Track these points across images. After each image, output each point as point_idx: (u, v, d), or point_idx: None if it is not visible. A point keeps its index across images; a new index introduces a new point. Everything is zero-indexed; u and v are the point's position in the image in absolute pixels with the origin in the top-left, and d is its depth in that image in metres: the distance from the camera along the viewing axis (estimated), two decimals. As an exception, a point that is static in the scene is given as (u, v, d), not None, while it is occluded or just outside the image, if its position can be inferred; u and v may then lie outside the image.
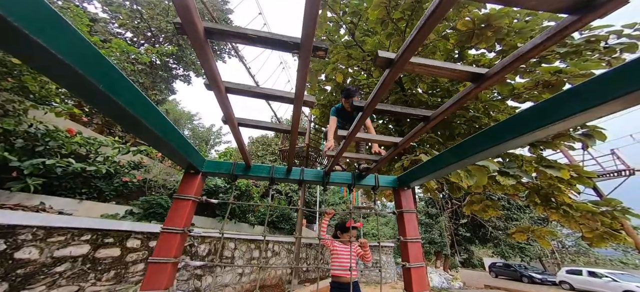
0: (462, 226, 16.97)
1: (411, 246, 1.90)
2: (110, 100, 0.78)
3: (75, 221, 2.76)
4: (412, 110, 1.24)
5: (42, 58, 0.58)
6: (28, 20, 0.50)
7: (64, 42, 0.59)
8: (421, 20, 0.64)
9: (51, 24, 0.55)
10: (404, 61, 0.78)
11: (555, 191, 4.64)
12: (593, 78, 0.71)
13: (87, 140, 3.72)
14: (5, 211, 2.24)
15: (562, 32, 0.68)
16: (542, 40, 0.70)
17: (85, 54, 0.69)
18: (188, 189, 1.91)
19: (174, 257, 1.63)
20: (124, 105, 0.87)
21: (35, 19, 0.52)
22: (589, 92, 0.75)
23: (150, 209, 4.73)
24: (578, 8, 0.62)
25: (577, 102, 0.77)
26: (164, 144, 1.26)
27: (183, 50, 14.69)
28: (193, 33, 0.70)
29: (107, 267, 3.05)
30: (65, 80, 0.72)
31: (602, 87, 0.70)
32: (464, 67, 0.88)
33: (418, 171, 1.96)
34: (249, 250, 6.72)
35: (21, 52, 0.59)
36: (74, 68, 0.66)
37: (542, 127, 0.88)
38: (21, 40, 0.52)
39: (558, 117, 0.82)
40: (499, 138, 1.10)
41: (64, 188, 3.71)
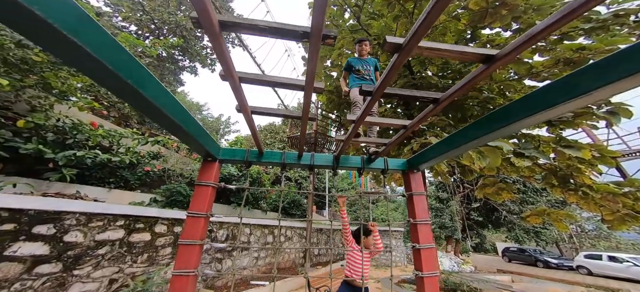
0: (474, 210, 16.76)
1: (421, 227, 1.95)
2: (138, 93, 0.85)
3: (110, 207, 3.02)
4: (422, 93, 1.24)
5: (78, 56, 0.64)
6: (64, 22, 0.55)
7: (95, 41, 0.64)
8: (430, 3, 0.64)
9: (84, 25, 0.60)
10: (412, 45, 0.78)
11: (575, 171, 4.46)
12: (611, 55, 0.69)
13: (109, 133, 3.96)
14: (50, 199, 2.49)
15: (585, 5, 0.65)
16: (560, 16, 0.68)
17: (116, 52, 0.75)
18: (207, 176, 2.03)
19: (200, 239, 1.79)
20: (148, 97, 0.94)
21: (70, 20, 0.56)
22: (607, 67, 0.72)
23: (171, 197, 5.03)
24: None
25: (592, 79, 0.74)
26: (183, 133, 1.34)
27: (188, 42, 14.77)
28: (209, 26, 0.74)
29: (140, 251, 3.33)
30: (97, 75, 0.78)
31: (621, 62, 0.68)
32: (474, 50, 0.88)
33: (428, 153, 1.97)
34: (263, 235, 7.04)
35: (61, 52, 0.64)
36: (107, 65, 0.72)
37: (557, 105, 0.86)
38: (61, 40, 0.56)
39: (570, 95, 0.81)
40: (512, 117, 1.08)
41: (95, 178, 4.01)
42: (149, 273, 3.46)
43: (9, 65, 2.71)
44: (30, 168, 3.22)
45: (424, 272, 1.79)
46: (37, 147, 2.96)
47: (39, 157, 3.07)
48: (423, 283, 1.75)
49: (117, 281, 2.98)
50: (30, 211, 2.27)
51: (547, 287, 7.98)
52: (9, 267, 2.15)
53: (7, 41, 2.44)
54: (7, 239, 2.14)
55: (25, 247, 2.26)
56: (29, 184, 3.08)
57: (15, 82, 2.72)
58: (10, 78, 2.69)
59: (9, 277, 2.14)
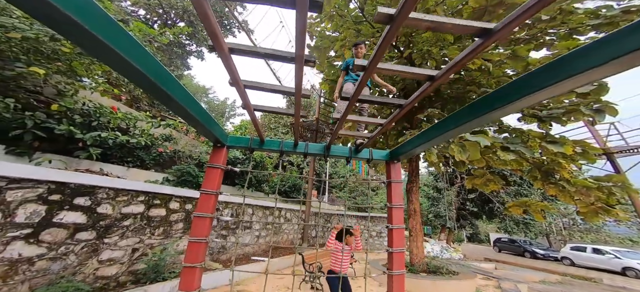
0: (469, 201, 17.22)
1: (395, 211, 2.33)
2: (157, 87, 1.00)
3: (133, 184, 3.45)
4: (417, 70, 1.23)
5: (106, 53, 0.75)
6: (93, 24, 0.64)
7: (121, 41, 0.76)
8: None
9: (109, 27, 0.70)
10: (404, 15, 0.77)
11: (556, 166, 4.74)
12: (594, 41, 0.74)
13: (127, 116, 4.35)
14: (86, 174, 2.91)
15: None
16: (463, 55, 0.96)
17: (139, 51, 0.88)
18: (216, 160, 2.42)
19: (211, 213, 2.20)
20: (170, 92, 1.09)
21: (98, 22, 0.65)
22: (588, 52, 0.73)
23: (182, 177, 5.50)
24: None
25: (575, 63, 0.77)
26: (197, 122, 1.58)
27: (195, 27, 14.79)
28: (220, 50, 0.97)
29: (157, 224, 3.81)
30: (119, 67, 0.89)
31: (603, 46, 0.70)
32: (469, 22, 0.84)
33: (406, 145, 2.31)
34: (265, 216, 7.60)
35: (91, 49, 0.76)
36: (132, 63, 0.85)
37: (526, 95, 0.91)
38: (88, 39, 0.66)
39: (531, 89, 0.87)
40: (478, 110, 1.19)
41: (115, 157, 4.46)
42: (164, 245, 3.97)
43: (42, 55, 3.05)
44: (62, 147, 3.66)
45: (394, 248, 2.18)
46: (69, 128, 3.37)
47: (69, 137, 3.49)
48: (392, 257, 2.16)
49: (138, 250, 3.48)
50: (72, 184, 2.69)
51: (525, 275, 8.56)
52: (57, 232, 2.61)
53: (42, 35, 2.75)
54: (54, 207, 2.58)
55: (69, 215, 2.70)
56: (62, 160, 3.52)
57: (47, 70, 3.07)
58: (44, 67, 3.04)
59: (56, 240, 2.61)
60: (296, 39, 1.07)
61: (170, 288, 3.37)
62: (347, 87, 2.58)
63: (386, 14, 0.82)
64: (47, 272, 2.47)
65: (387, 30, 0.89)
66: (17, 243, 2.30)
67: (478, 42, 0.94)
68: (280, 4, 0.91)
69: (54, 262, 2.53)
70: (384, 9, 0.81)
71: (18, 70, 2.78)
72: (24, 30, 2.68)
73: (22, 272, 2.32)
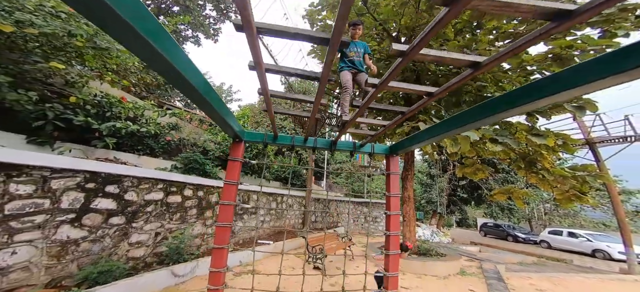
0: (460, 188, 18.10)
1: (392, 199, 2.69)
2: (186, 81, 1.04)
3: (153, 173, 3.71)
4: (418, 87, 1.56)
5: (136, 41, 0.75)
6: (124, 7, 0.63)
7: (148, 28, 0.74)
8: (431, 24, 0.85)
9: (140, 13, 0.69)
10: (415, 52, 1.01)
11: (539, 157, 5.17)
12: (578, 65, 0.86)
13: (135, 106, 4.49)
14: (112, 164, 3.13)
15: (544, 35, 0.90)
16: (531, 38, 0.91)
17: (193, 73, 1.03)
18: (236, 153, 2.70)
19: (233, 201, 2.50)
20: (208, 98, 1.30)
21: (129, 6, 0.65)
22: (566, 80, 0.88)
23: (189, 164, 5.74)
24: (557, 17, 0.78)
25: (555, 85, 0.92)
26: (220, 119, 1.79)
27: (191, 13, 14.31)
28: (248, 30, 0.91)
29: (175, 210, 4.11)
30: (145, 56, 0.89)
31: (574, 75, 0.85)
32: (463, 56, 1.15)
33: (405, 142, 2.64)
34: (268, 202, 8.00)
35: (119, 34, 0.74)
36: (182, 74, 0.96)
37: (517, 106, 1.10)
38: (120, 25, 0.66)
39: (526, 100, 1.02)
40: (469, 119, 1.43)
41: (126, 146, 4.65)
42: (181, 229, 4.30)
43: (57, 49, 3.14)
44: (78, 136, 3.83)
45: (391, 231, 2.57)
46: (86, 119, 3.54)
47: (85, 127, 3.67)
48: (389, 239, 2.54)
49: (160, 234, 3.80)
50: (103, 173, 2.94)
51: (505, 257, 9.39)
52: (95, 217, 2.89)
53: (59, 30, 2.84)
54: (91, 195, 2.84)
55: (102, 202, 2.97)
56: (81, 149, 3.72)
57: (64, 64, 3.19)
58: (58, 60, 3.15)
59: (95, 224, 2.89)
60: (323, 68, 1.34)
61: (190, 268, 3.75)
62: (345, 76, 2.46)
63: (398, 50, 1.09)
64: (90, 252, 2.78)
65: (398, 62, 1.18)
66: (64, 226, 2.59)
67: (469, 72, 1.25)
68: (316, 41, 1.19)
69: (94, 244, 2.84)
70: (397, 46, 1.08)
71: (39, 66, 2.89)
72: (41, 26, 2.77)
73: (71, 252, 2.63)
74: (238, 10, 0.86)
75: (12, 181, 2.28)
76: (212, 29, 16.35)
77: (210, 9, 16.09)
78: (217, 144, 7.43)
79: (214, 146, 7.32)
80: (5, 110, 3.21)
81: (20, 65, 3.00)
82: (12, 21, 2.68)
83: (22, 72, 3.13)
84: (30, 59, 3.06)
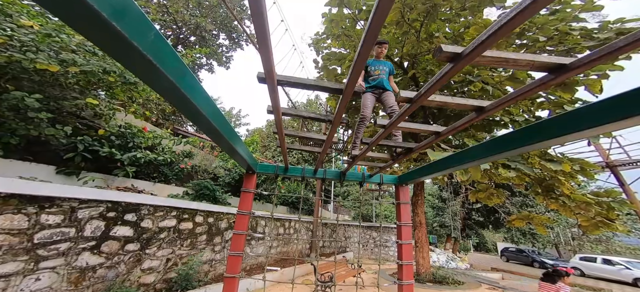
0: (475, 211, 17.23)
1: (404, 228, 2.66)
2: (210, 123, 1.07)
3: (168, 201, 3.85)
4: (426, 127, 1.61)
5: (159, 81, 0.73)
6: (145, 44, 0.60)
7: (170, 67, 0.71)
8: (436, 76, 0.90)
9: (159, 48, 0.65)
10: (422, 100, 1.02)
11: (557, 182, 4.97)
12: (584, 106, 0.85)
13: (154, 135, 4.79)
14: (132, 194, 3.31)
15: (539, 87, 1.22)
16: (524, 91, 1.10)
17: (218, 117, 1.10)
18: (249, 185, 2.79)
19: (246, 230, 2.56)
20: (229, 139, 1.46)
21: (149, 45, 0.61)
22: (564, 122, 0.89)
23: (200, 191, 5.89)
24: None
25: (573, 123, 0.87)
26: (236, 154, 1.83)
27: (206, 42, 15.59)
28: (271, 83, 1.30)
29: (185, 237, 4.17)
30: (172, 99, 0.89)
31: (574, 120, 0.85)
32: (468, 101, 1.20)
33: (414, 174, 2.67)
34: (276, 227, 7.91)
35: (141, 71, 0.71)
36: (205, 115, 0.97)
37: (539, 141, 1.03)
38: (139, 59, 0.62)
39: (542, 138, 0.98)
40: (478, 154, 1.46)
41: (143, 174, 4.89)
42: (190, 256, 4.31)
43: (89, 83, 3.52)
44: (102, 165, 4.10)
45: (403, 261, 2.51)
46: (111, 151, 3.81)
47: (110, 158, 3.93)
48: (402, 269, 2.49)
49: (170, 260, 3.84)
50: (123, 202, 3.10)
51: (533, 285, 8.58)
52: (112, 244, 3.00)
53: (97, 68, 3.20)
54: (111, 223, 2.98)
55: (121, 229, 3.10)
56: (102, 179, 3.95)
57: (97, 99, 3.54)
58: (92, 95, 3.51)
59: (112, 251, 3.00)
60: (336, 114, 1.46)
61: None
62: (366, 102, 2.35)
63: (406, 98, 1.20)
64: (105, 279, 2.85)
65: (407, 107, 1.28)
66: (85, 254, 2.70)
67: (473, 116, 1.34)
68: (330, 91, 1.32)
69: (109, 270, 2.91)
70: (405, 93, 1.18)
71: (77, 102, 3.24)
72: (82, 64, 3.13)
73: (88, 278, 2.70)
74: (263, 64, 0.95)
75: (44, 212, 2.45)
76: (224, 57, 17.62)
77: (223, 38, 17.47)
78: (227, 170, 7.63)
79: (224, 172, 7.51)
80: (41, 143, 3.52)
81: (59, 101, 3.36)
82: (58, 61, 3.05)
83: (59, 108, 3.48)
84: (70, 95, 3.42)
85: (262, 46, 0.81)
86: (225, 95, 50.27)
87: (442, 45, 0.78)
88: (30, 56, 2.59)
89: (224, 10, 15.16)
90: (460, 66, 0.83)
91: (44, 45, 2.84)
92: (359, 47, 0.81)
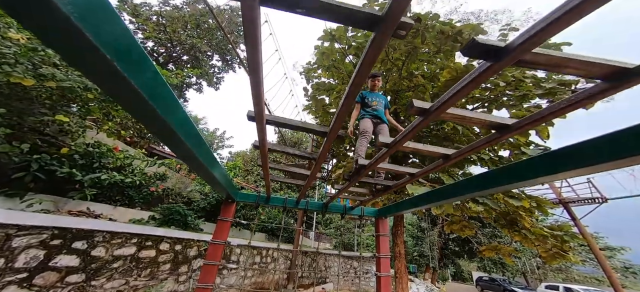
0: (451, 241, 17.75)
1: (382, 260, 2.70)
2: (184, 145, 0.93)
3: (129, 227, 3.49)
4: (403, 169, 1.74)
5: (125, 91, 0.59)
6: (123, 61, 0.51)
7: (167, 102, 0.67)
8: (409, 127, 1.09)
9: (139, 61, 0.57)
10: (399, 145, 1.12)
11: (518, 217, 5.44)
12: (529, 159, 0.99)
13: (126, 156, 4.47)
14: (87, 219, 2.96)
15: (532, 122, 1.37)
16: (477, 145, 1.43)
17: (189, 128, 0.87)
18: (227, 213, 2.70)
19: (219, 261, 2.41)
20: (201, 159, 1.11)
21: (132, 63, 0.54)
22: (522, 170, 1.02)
23: (170, 216, 5.45)
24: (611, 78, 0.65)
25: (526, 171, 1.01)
26: (216, 182, 1.74)
27: (199, 62, 15.59)
28: (260, 120, 1.38)
29: (145, 266, 3.75)
30: (138, 113, 0.75)
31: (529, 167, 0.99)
32: (438, 148, 1.32)
33: (392, 208, 2.78)
34: (252, 255, 7.39)
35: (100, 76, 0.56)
36: (175, 131, 0.77)
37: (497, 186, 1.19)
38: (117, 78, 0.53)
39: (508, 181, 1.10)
40: (449, 195, 1.60)
41: (104, 196, 4.44)
42: (148, 287, 3.85)
43: (68, 99, 3.28)
44: (59, 187, 3.66)
45: None
46: (71, 171, 3.46)
47: (69, 179, 3.56)
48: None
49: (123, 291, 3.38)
50: (73, 229, 2.74)
51: None
52: (50, 275, 2.58)
53: (76, 85, 3.02)
54: (53, 252, 2.59)
55: (64, 259, 2.69)
56: (52, 201, 3.50)
57: (68, 115, 3.29)
58: (64, 111, 3.25)
59: (47, 284, 2.57)
60: (321, 153, 1.55)
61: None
62: (365, 124, 2.40)
63: (384, 143, 1.34)
64: None
65: (384, 151, 1.39)
66: (11, 287, 2.28)
67: (440, 162, 1.49)
68: (316, 134, 1.41)
69: None
70: (383, 139, 1.31)
71: (44, 118, 2.97)
72: (61, 80, 2.93)
73: None
74: (253, 105, 0.96)
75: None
76: (215, 78, 17.56)
77: (217, 60, 17.55)
78: (203, 195, 7.20)
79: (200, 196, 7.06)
80: (-12, 159, 3.11)
81: (24, 116, 3.07)
82: (36, 75, 2.83)
83: (21, 123, 3.17)
84: (37, 110, 3.14)
85: (255, 89, 0.84)
86: (212, 116, 49.09)
87: (413, 100, 0.89)
88: (6, 69, 2.41)
89: (222, 34, 15.52)
90: (427, 120, 0.95)
91: (25, 58, 2.67)
92: (343, 98, 0.89)
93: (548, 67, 0.51)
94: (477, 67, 0.58)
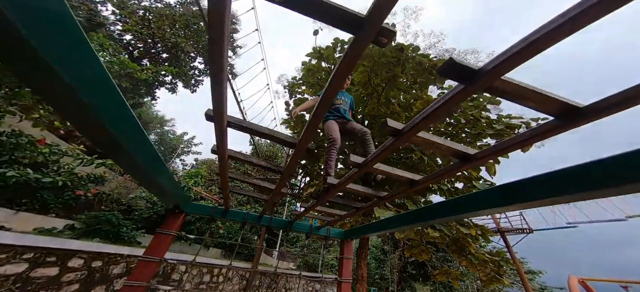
0: (410, 264, 18.49)
1: (344, 285, 2.58)
2: (120, 146, 0.79)
3: (21, 239, 2.70)
4: (403, 173, 1.49)
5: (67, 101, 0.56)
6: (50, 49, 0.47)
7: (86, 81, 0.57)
8: (380, 148, 1.07)
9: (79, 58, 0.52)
10: (370, 165, 1.13)
11: (466, 243, 5.97)
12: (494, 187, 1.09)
13: (53, 151, 3.62)
14: None
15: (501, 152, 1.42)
16: (442, 173, 1.43)
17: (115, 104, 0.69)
18: (171, 226, 2.32)
19: (147, 281, 1.96)
20: (134, 154, 0.88)
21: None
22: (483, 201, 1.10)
23: (96, 225, 4.51)
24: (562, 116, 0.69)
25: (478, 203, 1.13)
26: (154, 184, 1.41)
27: (180, 61, 14.36)
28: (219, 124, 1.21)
29: (36, 288, 2.87)
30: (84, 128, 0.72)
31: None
32: (405, 173, 1.32)
33: (358, 231, 2.74)
34: (200, 274, 6.48)
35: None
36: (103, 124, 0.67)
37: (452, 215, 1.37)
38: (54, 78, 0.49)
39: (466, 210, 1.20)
40: (414, 220, 1.63)
41: (5, 198, 3.47)
42: None
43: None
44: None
45: None
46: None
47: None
48: None
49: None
50: None
51: None
52: None
53: None
54: None
55: None
56: None
57: None
58: None
59: None
60: (288, 165, 1.45)
61: None
62: (330, 127, 2.15)
63: (355, 162, 1.29)
64: None
65: (355, 171, 1.34)
66: None
67: (407, 187, 1.50)
68: (285, 144, 1.31)
69: None
70: (354, 158, 1.26)
71: None
72: None
73: None
74: (212, 100, 0.82)
75: None
76: (194, 80, 16.26)
77: (200, 62, 16.39)
78: (150, 203, 6.22)
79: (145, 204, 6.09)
80: None
81: None
82: None
83: None
84: None
85: (216, 82, 0.71)
86: (183, 119, 44.26)
87: (387, 120, 0.89)
88: None
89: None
90: (399, 142, 0.96)
91: None
92: (316, 106, 0.87)
93: (514, 97, 0.54)
94: (451, 89, 0.59)
